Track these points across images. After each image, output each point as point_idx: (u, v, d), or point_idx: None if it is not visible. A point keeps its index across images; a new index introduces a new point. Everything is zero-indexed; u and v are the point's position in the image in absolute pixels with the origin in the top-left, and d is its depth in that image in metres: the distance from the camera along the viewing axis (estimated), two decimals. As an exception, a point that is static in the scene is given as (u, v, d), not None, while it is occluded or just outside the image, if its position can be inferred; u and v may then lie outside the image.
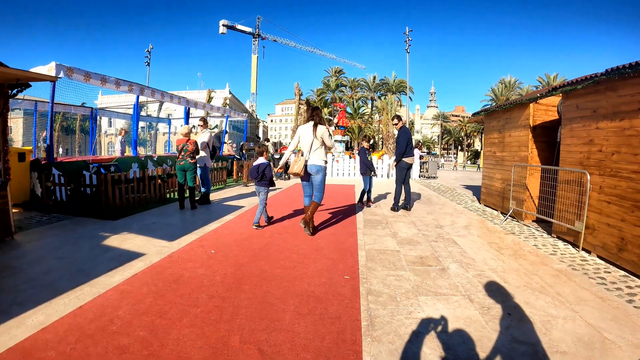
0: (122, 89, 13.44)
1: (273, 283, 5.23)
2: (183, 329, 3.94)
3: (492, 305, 4.65)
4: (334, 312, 4.32)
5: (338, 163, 22.73)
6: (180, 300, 4.64)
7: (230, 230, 8.36)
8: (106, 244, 7.21)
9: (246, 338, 3.75)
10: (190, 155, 10.68)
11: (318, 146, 7.73)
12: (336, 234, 8.04)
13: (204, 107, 21.10)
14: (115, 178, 10.04)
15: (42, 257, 6.42)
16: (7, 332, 3.89)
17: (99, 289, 4.99)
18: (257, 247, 7.03)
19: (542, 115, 9.75)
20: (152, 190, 11.75)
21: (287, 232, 8.20)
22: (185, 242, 7.26)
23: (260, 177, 8.49)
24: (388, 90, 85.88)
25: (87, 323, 4.04)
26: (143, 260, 6.15)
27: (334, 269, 5.81)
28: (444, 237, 8.00)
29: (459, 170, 39.75)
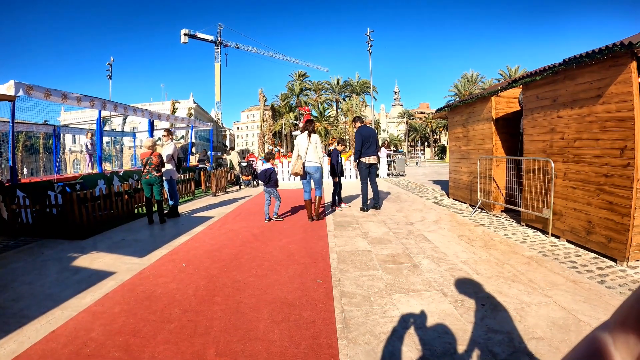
0: (83, 104, 13.30)
1: (246, 292, 5.25)
2: (158, 346, 3.93)
3: (465, 297, 4.77)
4: (309, 317, 4.36)
5: None
6: (153, 317, 4.62)
7: (200, 242, 8.32)
8: (75, 264, 7.10)
9: (222, 350, 3.76)
10: (156, 168, 10.58)
11: (313, 150, 9.71)
12: (307, 238, 8.09)
13: (168, 118, 20.92)
14: (80, 197, 9.84)
15: (10, 284, 6.27)
16: None
17: (70, 311, 4.92)
18: (228, 257, 7.03)
19: (504, 108, 10.01)
20: (120, 207, 11.58)
21: (258, 239, 8.22)
22: (155, 258, 7.21)
23: (267, 180, 10.05)
24: (352, 92, 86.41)
25: (60, 348, 4.00)
26: (114, 279, 6.08)
27: (306, 274, 5.86)
28: (415, 233, 8.13)
29: (426, 166, 40.14)
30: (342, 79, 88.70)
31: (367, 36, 56.49)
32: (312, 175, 9.86)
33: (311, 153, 9.75)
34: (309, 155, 9.76)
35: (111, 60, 57.22)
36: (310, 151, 9.74)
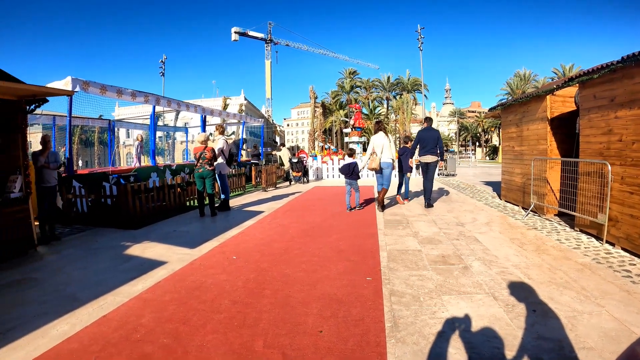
0: (138, 100, 13.66)
1: (295, 287, 5.24)
2: (206, 335, 3.96)
3: (516, 302, 4.59)
4: (357, 315, 4.30)
5: None
6: (203, 307, 4.68)
7: (250, 235, 8.39)
8: (127, 253, 7.34)
9: (270, 342, 3.76)
10: (208, 162, 10.78)
11: (386, 149, 10.86)
12: (356, 236, 8.01)
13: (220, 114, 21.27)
14: (134, 188, 10.19)
15: (65, 268, 6.57)
16: (32, 342, 3.97)
17: (122, 298, 5.07)
18: (277, 251, 7.05)
19: (559, 107, 9.61)
20: (172, 199, 11.89)
21: (307, 235, 8.21)
22: (206, 249, 7.32)
23: (350, 173, 11.01)
24: (403, 89, 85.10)
25: (111, 332, 4.11)
26: (165, 268, 6.23)
27: (356, 271, 5.79)
28: (466, 234, 7.93)
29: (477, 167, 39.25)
30: (392, 77, 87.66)
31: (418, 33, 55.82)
32: (384, 170, 10.94)
33: (385, 151, 10.87)
34: (383, 153, 10.86)
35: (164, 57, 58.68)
36: (385, 150, 10.85)
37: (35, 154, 8.48)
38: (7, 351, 3.84)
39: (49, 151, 8.57)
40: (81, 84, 10.84)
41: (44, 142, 8.57)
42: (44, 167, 8.38)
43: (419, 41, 55.64)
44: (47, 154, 8.47)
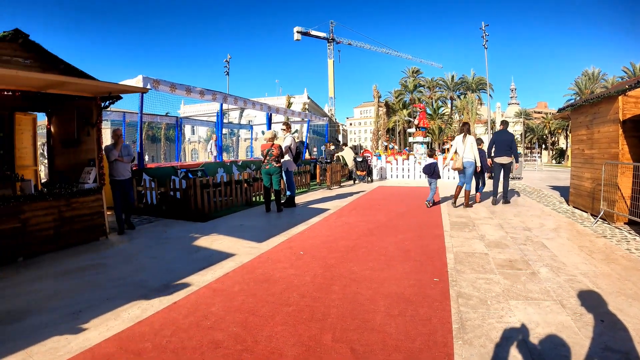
0: (206, 97, 14.05)
1: (363, 284, 5.21)
2: (275, 326, 3.99)
3: (584, 311, 4.36)
4: (425, 314, 4.24)
5: (420, 165, 22.22)
6: (271, 299, 4.71)
7: (316, 232, 8.43)
8: (196, 244, 7.55)
9: (338, 337, 3.75)
10: (275, 159, 10.91)
11: (469, 149, 11.26)
12: (422, 236, 7.90)
13: (285, 112, 21.50)
14: (203, 182, 10.48)
15: (135, 256, 6.89)
16: (104, 323, 4.16)
17: (192, 286, 5.22)
18: (344, 249, 7.03)
19: (632, 109, 9.01)
20: (238, 194, 12.14)
21: (373, 234, 8.15)
22: (273, 244, 7.42)
23: (432, 173, 11.83)
24: (467, 89, 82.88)
25: (181, 318, 4.21)
26: (233, 260, 6.36)
27: (422, 271, 5.72)
28: (533, 240, 7.64)
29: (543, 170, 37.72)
30: (456, 76, 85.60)
31: (482, 30, 54.13)
32: (466, 170, 11.33)
33: (468, 151, 11.27)
34: (466, 153, 11.28)
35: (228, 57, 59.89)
36: (467, 149, 11.28)
37: (108, 147, 8.87)
38: (80, 330, 4.02)
39: (122, 145, 8.92)
40: (152, 82, 11.28)
41: (116, 136, 8.94)
42: (117, 160, 8.71)
43: (483, 39, 53.93)
44: (120, 148, 8.81)
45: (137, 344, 3.68)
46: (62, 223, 7.54)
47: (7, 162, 9.75)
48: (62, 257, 6.94)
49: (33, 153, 10.86)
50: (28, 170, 10.18)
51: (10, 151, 10.04)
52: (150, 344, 3.67)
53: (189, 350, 3.55)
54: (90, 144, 8.74)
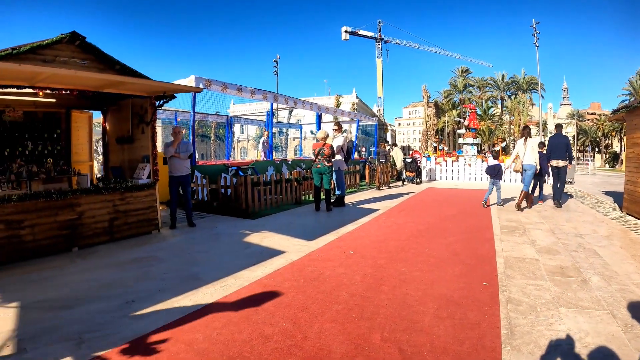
0: (257, 97, 14.25)
1: (412, 285, 5.18)
2: (325, 323, 4.01)
3: (635, 323, 4.19)
4: (474, 318, 4.18)
5: (470, 167, 21.98)
6: (321, 297, 4.74)
7: (366, 232, 8.43)
8: (246, 240, 7.68)
9: (387, 337, 3.74)
10: (327, 158, 10.96)
11: (530, 152, 11.53)
12: (472, 239, 7.79)
13: (335, 112, 21.55)
14: (254, 180, 10.64)
15: (187, 250, 7.10)
16: (156, 313, 4.31)
17: (242, 281, 5.31)
18: (393, 249, 7.01)
19: None
20: (288, 192, 12.26)
21: (423, 236, 8.08)
22: (323, 242, 7.46)
23: (495, 174, 12.10)
24: (518, 89, 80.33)
25: (232, 311, 4.30)
26: (283, 257, 6.43)
27: (472, 275, 5.64)
28: (585, 247, 7.39)
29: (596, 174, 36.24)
30: (507, 75, 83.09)
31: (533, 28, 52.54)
32: (526, 172, 11.65)
33: (528, 154, 11.56)
34: (526, 156, 11.57)
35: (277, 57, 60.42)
36: (527, 152, 11.56)
37: (167, 144, 9.09)
38: (134, 319, 4.18)
39: (180, 142, 9.11)
40: (204, 81, 11.54)
41: (174, 133, 9.15)
42: (174, 156, 8.91)
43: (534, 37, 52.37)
44: (177, 145, 9.01)
45: (189, 335, 3.77)
46: (117, 216, 7.83)
47: (64, 157, 10.21)
48: (116, 249, 7.23)
49: (88, 149, 11.30)
50: (83, 166, 10.61)
51: (67, 147, 10.50)
52: (201, 335, 3.75)
53: (239, 342, 3.61)
54: (144, 141, 9.04)
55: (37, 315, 4.37)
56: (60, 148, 10.39)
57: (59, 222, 7.01)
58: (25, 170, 8.17)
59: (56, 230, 6.97)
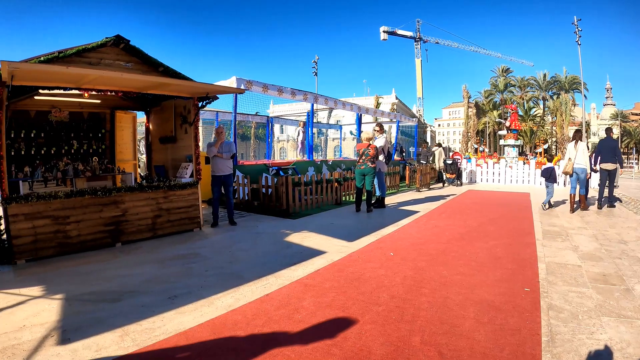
0: (297, 98, 14.38)
1: (452, 289, 5.13)
2: (365, 324, 4.01)
3: None
4: (514, 324, 4.12)
5: (511, 169, 21.51)
6: (361, 298, 4.74)
7: (406, 234, 8.38)
8: (287, 240, 7.76)
9: (427, 340, 3.72)
10: (371, 159, 10.94)
11: (581, 155, 11.63)
12: (513, 244, 7.65)
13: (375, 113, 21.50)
14: (295, 180, 10.74)
15: (228, 248, 7.22)
16: (198, 309, 4.42)
17: (283, 280, 5.37)
18: (434, 252, 6.95)
19: None
20: (328, 193, 12.29)
21: (464, 239, 7.99)
22: (363, 243, 7.45)
23: (549, 177, 12.23)
24: (560, 89, 77.60)
25: (273, 310, 4.35)
26: (324, 258, 6.47)
27: (513, 280, 5.54)
28: (629, 254, 7.15)
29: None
30: (548, 75, 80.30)
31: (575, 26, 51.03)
32: (579, 176, 11.71)
33: (579, 157, 11.65)
34: (577, 158, 11.66)
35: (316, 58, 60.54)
36: (578, 155, 11.65)
37: (209, 144, 9.25)
38: (175, 314, 4.29)
39: (222, 142, 9.25)
40: (245, 82, 11.72)
41: (217, 133, 9.31)
42: (217, 156, 9.05)
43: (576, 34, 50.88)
44: (220, 144, 9.15)
45: (230, 331, 3.84)
46: (160, 213, 8.05)
47: (109, 156, 10.55)
48: (159, 245, 7.44)
49: (132, 148, 11.63)
50: (127, 164, 10.95)
51: (112, 146, 10.86)
52: (242, 332, 3.81)
53: (280, 340, 3.65)
54: (187, 141, 9.28)
55: (81, 307, 4.56)
56: (105, 147, 10.75)
57: (104, 219, 7.29)
58: (72, 168, 8.46)
59: (101, 226, 7.25)
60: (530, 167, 20.41)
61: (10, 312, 4.47)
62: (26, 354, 3.50)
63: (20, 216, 6.37)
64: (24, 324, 4.10)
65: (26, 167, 8.49)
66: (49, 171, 8.29)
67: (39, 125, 9.55)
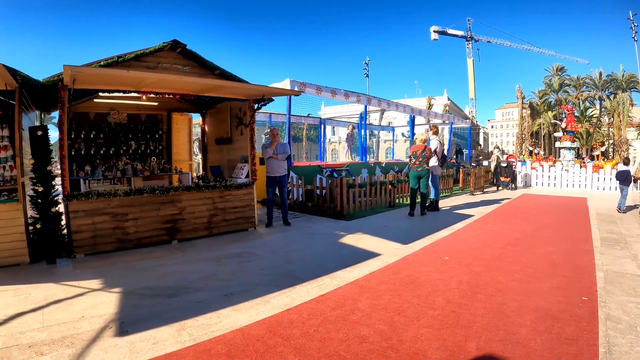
0: (350, 99, 14.42)
1: (508, 295, 5.03)
2: (420, 328, 3.98)
3: None
4: (571, 334, 4.00)
5: (567, 173, 20.77)
6: (417, 301, 4.70)
7: (461, 238, 8.28)
8: (341, 241, 7.78)
9: (482, 346, 3.66)
10: (427, 161, 10.86)
11: None
12: (570, 250, 7.41)
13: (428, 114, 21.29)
14: (349, 182, 10.79)
15: (283, 248, 7.33)
16: (254, 307, 4.49)
17: (338, 281, 5.39)
18: (489, 257, 6.83)
19: None
20: (382, 195, 12.25)
21: (520, 244, 7.80)
22: (418, 247, 7.40)
23: (624, 180, 12.27)
24: (617, 88, 73.53)
25: (329, 310, 4.37)
26: (378, 260, 6.45)
27: (570, 288, 5.37)
28: None
29: None
30: (604, 73, 76.38)
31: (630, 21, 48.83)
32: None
33: None
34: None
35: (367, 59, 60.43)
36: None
37: (264, 145, 9.40)
38: (232, 311, 4.38)
39: (278, 143, 9.37)
40: (299, 84, 11.86)
41: (272, 135, 9.45)
42: (272, 157, 9.19)
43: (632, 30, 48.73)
44: (274, 146, 9.27)
45: (286, 330, 3.88)
46: (215, 213, 8.26)
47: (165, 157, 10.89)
48: (214, 243, 7.63)
49: (188, 149, 11.98)
50: (183, 164, 11.29)
51: (168, 147, 11.22)
52: (298, 331, 3.85)
53: (336, 341, 3.66)
54: (243, 142, 9.48)
55: (138, 301, 4.73)
56: (161, 148, 11.13)
57: (161, 216, 7.55)
58: (131, 168, 8.78)
59: (158, 224, 7.53)
60: (587, 171, 19.64)
61: (70, 303, 4.70)
62: (85, 343, 3.67)
63: (80, 212, 6.74)
64: (82, 315, 4.31)
65: (87, 166, 8.90)
66: (109, 170, 8.64)
67: (98, 126, 10.08)
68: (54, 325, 4.05)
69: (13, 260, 6.26)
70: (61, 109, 6.53)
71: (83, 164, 9.17)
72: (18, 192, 6.32)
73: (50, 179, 6.59)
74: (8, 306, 4.61)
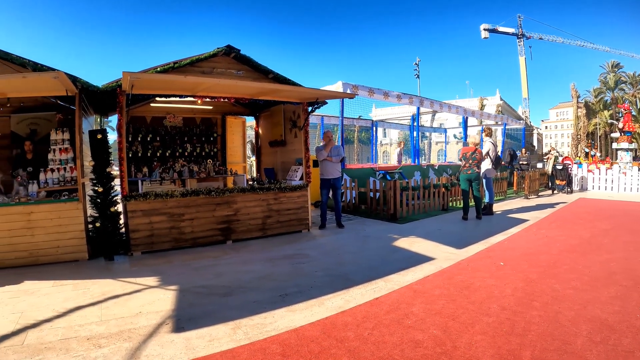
0: (402, 101, 14.37)
1: (564, 304, 4.89)
2: (475, 335, 3.94)
3: None
4: (628, 346, 3.86)
5: (625, 176, 19.85)
6: (471, 307, 4.65)
7: (515, 243, 8.10)
8: (395, 245, 7.78)
9: (537, 355, 3.58)
10: (478, 164, 10.69)
11: None
12: (629, 258, 7.09)
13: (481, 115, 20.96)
14: (402, 185, 10.76)
15: (336, 250, 7.38)
16: (309, 308, 4.56)
17: (392, 285, 5.39)
18: (545, 263, 6.66)
19: None
20: (435, 198, 12.15)
21: (575, 251, 7.56)
22: (472, 252, 7.30)
23: None
24: None
25: (383, 313, 4.38)
26: (432, 264, 6.41)
27: (628, 298, 5.15)
28: None
29: None
30: None
31: None
32: None
33: None
34: None
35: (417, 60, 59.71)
36: None
37: (318, 148, 9.53)
38: (286, 312, 4.46)
39: (332, 145, 9.46)
40: (351, 87, 11.92)
41: (327, 137, 9.58)
42: (326, 160, 9.29)
43: None
44: (329, 148, 9.37)
45: (340, 332, 3.92)
46: (270, 214, 8.44)
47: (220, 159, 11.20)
48: (268, 244, 7.79)
49: (242, 151, 12.27)
50: (237, 167, 11.57)
51: (223, 149, 11.52)
52: (352, 334, 3.88)
53: (389, 345, 3.67)
54: (297, 145, 9.64)
55: (194, 299, 4.90)
56: (216, 150, 11.46)
57: (217, 217, 7.78)
58: (187, 170, 9.05)
59: (213, 224, 7.76)
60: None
61: (127, 298, 4.92)
62: (142, 337, 3.83)
63: (138, 212, 7.05)
64: (139, 311, 4.49)
65: (144, 167, 9.25)
66: (166, 172, 8.94)
67: (155, 129, 10.49)
68: (111, 320, 4.25)
69: (73, 256, 6.65)
70: (120, 113, 6.87)
71: (141, 165, 9.55)
72: (78, 192, 6.74)
73: (110, 180, 6.98)
74: (67, 300, 4.88)
